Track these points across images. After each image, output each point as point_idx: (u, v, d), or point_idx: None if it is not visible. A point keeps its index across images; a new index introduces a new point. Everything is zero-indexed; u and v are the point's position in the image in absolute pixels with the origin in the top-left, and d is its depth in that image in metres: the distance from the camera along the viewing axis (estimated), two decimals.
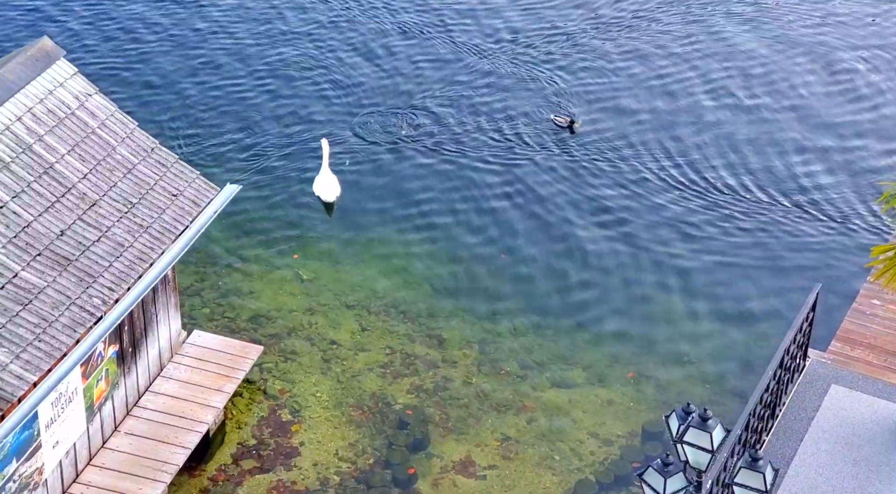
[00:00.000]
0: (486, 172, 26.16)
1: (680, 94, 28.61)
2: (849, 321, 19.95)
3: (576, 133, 26.12)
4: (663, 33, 30.62)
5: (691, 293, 23.26)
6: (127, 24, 30.65)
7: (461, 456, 20.15)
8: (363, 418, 20.71)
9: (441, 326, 22.48)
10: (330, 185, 25.00)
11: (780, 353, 17.17)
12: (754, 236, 24.62)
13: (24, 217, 17.53)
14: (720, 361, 21.89)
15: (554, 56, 29.49)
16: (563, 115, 26.94)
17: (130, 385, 19.36)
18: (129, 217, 18.50)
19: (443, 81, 28.91)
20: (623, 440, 20.43)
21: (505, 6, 31.66)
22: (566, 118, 26.76)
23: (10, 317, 16.52)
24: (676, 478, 14.46)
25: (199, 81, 28.66)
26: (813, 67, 29.68)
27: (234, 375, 20.38)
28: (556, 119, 26.68)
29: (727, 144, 27.10)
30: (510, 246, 24.29)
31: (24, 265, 17.11)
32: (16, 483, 16.93)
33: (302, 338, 22.10)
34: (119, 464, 18.73)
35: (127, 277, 17.90)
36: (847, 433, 17.56)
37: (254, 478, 19.65)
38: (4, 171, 17.77)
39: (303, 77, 28.95)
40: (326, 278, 23.42)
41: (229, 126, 27.31)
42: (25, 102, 18.57)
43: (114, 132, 19.27)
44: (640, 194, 25.61)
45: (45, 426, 17.21)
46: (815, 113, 28.23)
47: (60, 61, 19.32)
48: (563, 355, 22.01)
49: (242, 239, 24.21)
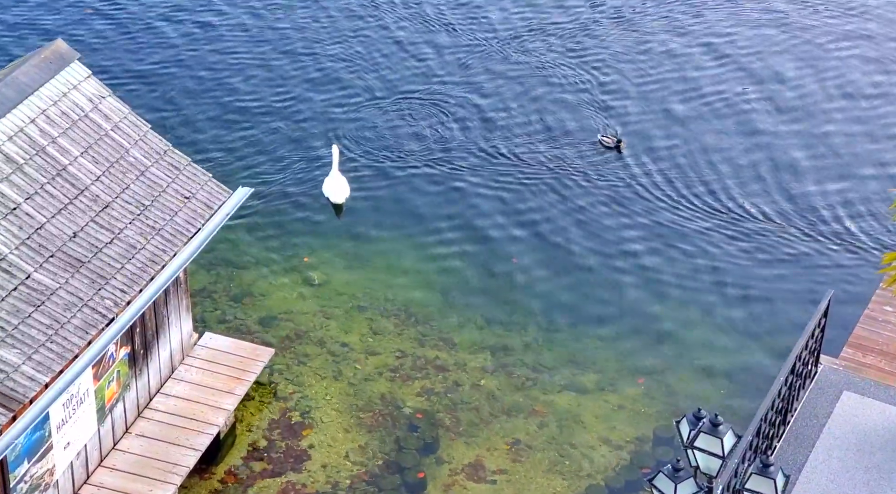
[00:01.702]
0: (495, 177, 26.17)
1: (723, 114, 28.25)
2: (861, 327, 19.90)
3: (622, 152, 25.88)
4: (709, 54, 30.13)
5: (703, 299, 23.23)
6: (142, 28, 30.68)
7: (471, 460, 20.14)
8: (373, 421, 20.71)
9: (452, 329, 22.48)
10: (339, 187, 25.06)
11: (792, 359, 17.13)
12: (767, 243, 24.57)
13: (37, 219, 17.57)
14: (732, 366, 21.86)
15: (597, 75, 29.11)
16: (609, 134, 26.58)
17: (142, 387, 19.38)
18: (142, 219, 18.53)
19: (468, 84, 28.92)
20: (633, 445, 20.41)
21: (543, 26, 31.18)
22: (612, 138, 26.38)
23: (22, 318, 16.56)
24: (687, 484, 14.44)
25: (214, 85, 28.68)
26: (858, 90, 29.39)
27: (245, 377, 20.39)
28: (604, 139, 26.27)
29: (741, 162, 27.09)
30: (522, 251, 24.27)
31: (37, 267, 17.14)
32: (27, 484, 16.96)
33: (313, 341, 22.11)
34: (130, 466, 18.75)
35: (139, 279, 17.93)
36: (859, 439, 17.51)
37: (264, 481, 19.66)
38: (18, 172, 17.81)
39: (319, 82, 28.95)
40: (338, 282, 23.43)
41: (242, 129, 27.32)
42: (39, 104, 18.62)
43: (127, 135, 19.30)
44: (657, 206, 25.58)
45: (56, 428, 17.24)
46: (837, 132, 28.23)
47: (74, 64, 19.36)
48: (574, 359, 21.99)
49: (254, 242, 24.23)
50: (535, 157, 26.71)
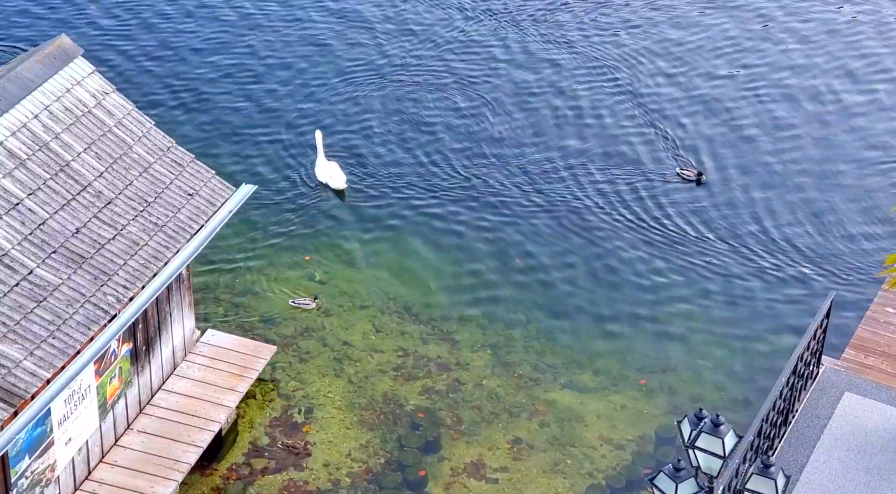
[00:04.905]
0: (499, 176, 26.19)
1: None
2: (863, 328, 19.90)
3: (703, 184, 25.72)
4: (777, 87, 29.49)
5: (705, 299, 23.22)
6: (146, 24, 30.70)
7: (472, 459, 20.15)
8: (375, 419, 20.72)
9: (454, 328, 22.49)
10: (337, 171, 25.37)
11: (794, 360, 17.13)
12: (771, 244, 24.57)
13: (40, 215, 17.58)
14: (733, 367, 21.86)
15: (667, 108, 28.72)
16: (689, 167, 26.37)
17: (143, 384, 19.39)
18: (145, 216, 18.54)
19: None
20: (635, 445, 20.41)
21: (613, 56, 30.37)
22: (693, 171, 26.21)
23: (24, 314, 16.57)
24: (688, 484, 14.45)
25: (218, 83, 28.69)
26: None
27: (248, 374, 20.41)
28: (684, 172, 26.11)
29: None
30: (526, 250, 24.28)
31: (39, 263, 17.15)
32: (28, 480, 16.97)
33: (315, 338, 22.12)
34: (131, 462, 18.77)
35: (142, 275, 17.94)
36: (860, 441, 17.50)
37: (265, 478, 19.67)
38: (21, 168, 17.82)
39: (323, 81, 28.94)
40: (340, 279, 23.44)
41: (246, 127, 27.32)
42: (42, 99, 18.62)
43: (130, 131, 19.31)
44: (664, 211, 25.61)
45: (57, 424, 17.25)
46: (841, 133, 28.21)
47: (78, 59, 19.36)
48: (576, 359, 22.00)
49: (257, 239, 24.24)
50: (535, 156, 26.73)
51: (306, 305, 22.40)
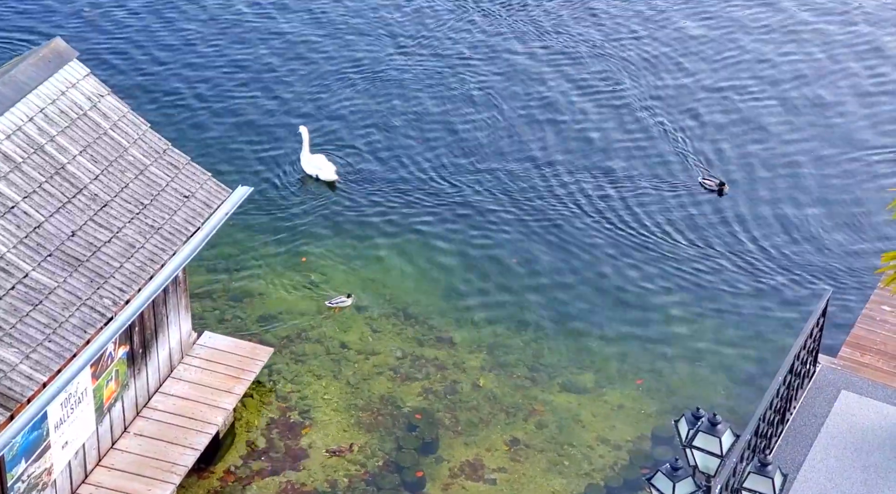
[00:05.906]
0: (499, 178, 26.20)
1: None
2: (859, 327, 19.91)
3: (724, 195, 25.62)
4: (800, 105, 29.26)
5: (703, 299, 23.23)
6: (141, 26, 30.69)
7: (470, 460, 20.14)
8: (372, 420, 20.71)
9: (451, 329, 22.48)
10: (325, 164, 25.69)
11: (791, 358, 17.14)
12: (766, 242, 24.58)
13: (36, 218, 17.57)
14: (730, 366, 21.86)
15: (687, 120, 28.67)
16: (710, 177, 26.30)
17: (140, 386, 19.38)
18: (141, 218, 18.53)
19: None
20: (632, 444, 20.41)
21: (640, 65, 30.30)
22: (715, 181, 26.18)
23: (20, 317, 16.56)
24: (685, 483, 14.45)
25: (213, 85, 28.68)
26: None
27: (244, 376, 20.39)
28: (706, 182, 26.03)
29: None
30: (522, 252, 24.27)
31: (35, 266, 17.14)
32: (25, 484, 16.95)
33: (312, 340, 22.11)
34: (128, 465, 18.75)
35: (138, 278, 17.93)
36: (857, 439, 17.51)
37: (263, 480, 19.66)
38: (16, 171, 17.81)
39: (324, 84, 28.94)
40: (336, 281, 23.43)
41: (242, 129, 27.32)
42: (37, 102, 18.61)
43: (126, 133, 19.30)
44: (661, 219, 25.63)
45: (54, 427, 17.23)
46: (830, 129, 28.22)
47: (73, 62, 19.35)
48: (573, 359, 22.00)
49: (253, 241, 24.23)
50: (534, 156, 26.74)
51: (343, 303, 22.44)
